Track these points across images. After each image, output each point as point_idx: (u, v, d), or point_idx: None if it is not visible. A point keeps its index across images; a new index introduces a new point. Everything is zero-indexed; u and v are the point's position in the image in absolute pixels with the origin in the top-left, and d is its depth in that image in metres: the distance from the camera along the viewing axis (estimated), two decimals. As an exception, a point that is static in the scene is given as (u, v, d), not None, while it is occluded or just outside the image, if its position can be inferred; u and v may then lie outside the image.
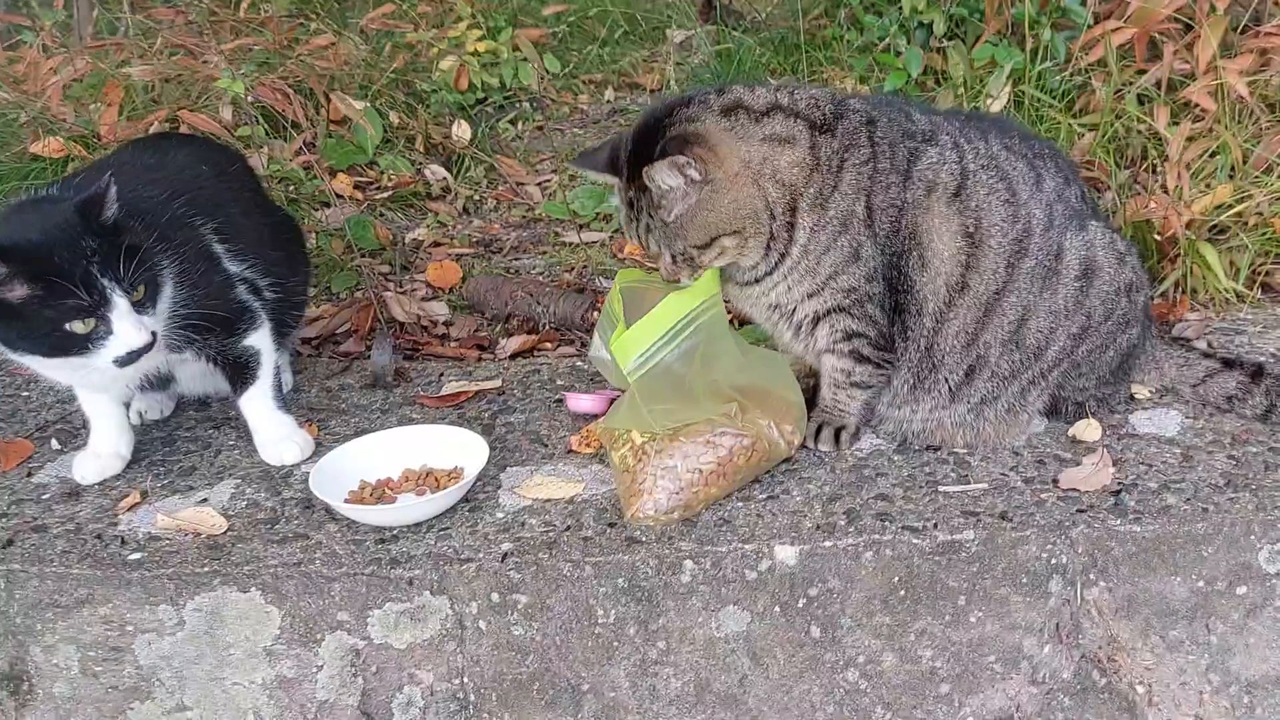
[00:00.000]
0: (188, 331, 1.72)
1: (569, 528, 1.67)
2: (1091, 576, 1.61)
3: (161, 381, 1.88)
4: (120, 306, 1.56)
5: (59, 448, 1.97)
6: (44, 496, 1.82)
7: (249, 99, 3.01)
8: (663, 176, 1.62)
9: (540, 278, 2.62)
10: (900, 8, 2.94)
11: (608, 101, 3.81)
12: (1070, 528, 1.61)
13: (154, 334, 1.60)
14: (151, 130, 2.92)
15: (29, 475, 1.89)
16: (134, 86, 3.12)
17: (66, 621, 1.62)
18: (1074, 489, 1.69)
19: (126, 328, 1.57)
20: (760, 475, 1.75)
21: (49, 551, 1.68)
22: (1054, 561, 1.60)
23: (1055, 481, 1.71)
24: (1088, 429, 1.82)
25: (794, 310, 1.76)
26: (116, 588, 1.62)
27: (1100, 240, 1.75)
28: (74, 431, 2.01)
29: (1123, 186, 2.51)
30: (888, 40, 2.84)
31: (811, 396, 1.86)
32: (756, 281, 1.75)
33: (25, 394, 2.17)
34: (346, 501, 1.73)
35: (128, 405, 1.93)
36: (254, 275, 1.86)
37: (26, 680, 1.65)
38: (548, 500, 1.74)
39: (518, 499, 1.74)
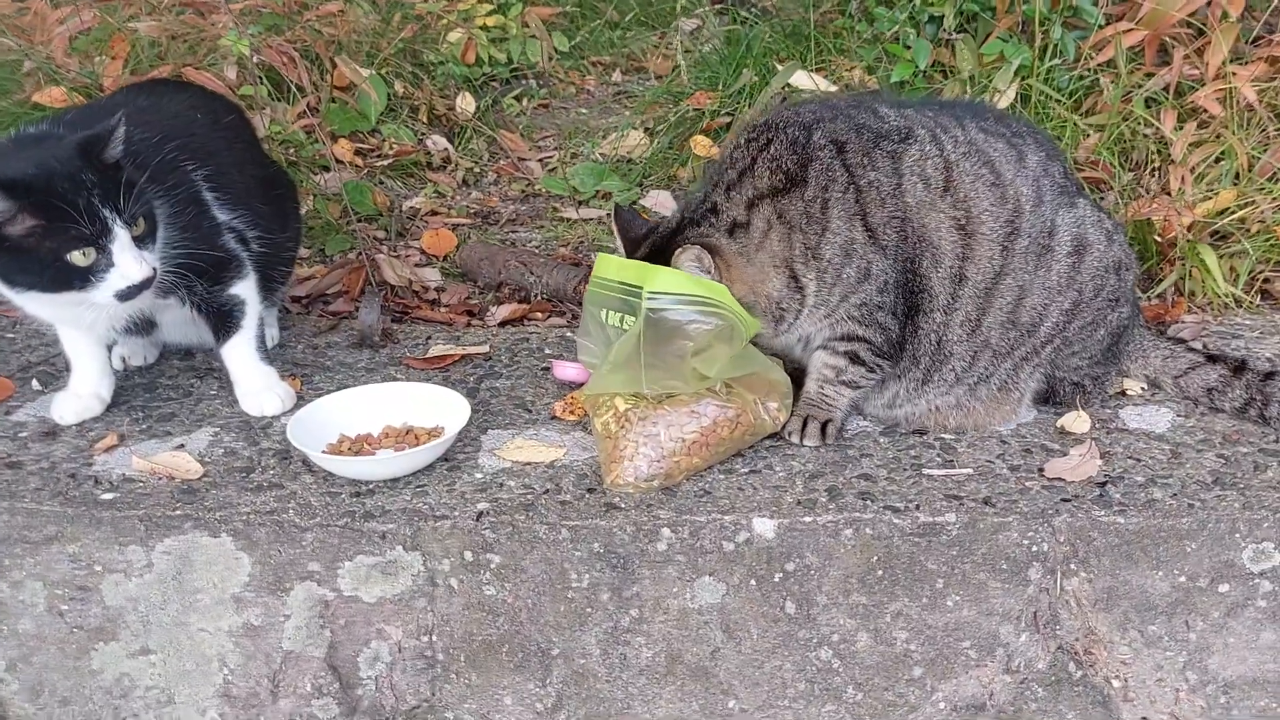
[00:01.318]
0: (173, 275, 1.69)
1: (547, 491, 1.65)
2: (1072, 566, 1.59)
3: (145, 325, 1.86)
4: (121, 238, 1.55)
5: (40, 389, 1.94)
6: (21, 434, 1.80)
7: (254, 59, 2.98)
8: (687, 265, 1.62)
9: (535, 250, 2.60)
10: (912, 1, 2.91)
11: (614, 84, 3.78)
12: (1053, 516, 1.59)
13: (154, 269, 1.59)
14: (154, 85, 2.90)
15: (7, 414, 1.87)
16: (140, 41, 3.09)
17: (35, 558, 1.60)
18: (1060, 478, 1.67)
19: (127, 260, 1.55)
20: (743, 449, 1.73)
21: (21, 488, 1.65)
22: (1035, 549, 1.58)
23: (1041, 470, 1.69)
24: (1076, 421, 1.80)
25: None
26: (87, 526, 1.60)
27: (1089, 217, 1.73)
28: (56, 374, 1.99)
29: (1126, 188, 2.49)
30: (896, 30, 2.81)
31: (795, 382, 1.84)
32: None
33: (10, 335, 2.14)
34: (325, 454, 1.70)
35: (110, 349, 1.91)
36: (242, 226, 1.84)
37: (-9, 617, 1.63)
38: (527, 463, 1.71)
39: (497, 461, 1.72)
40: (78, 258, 1.53)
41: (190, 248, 1.70)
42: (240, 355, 1.84)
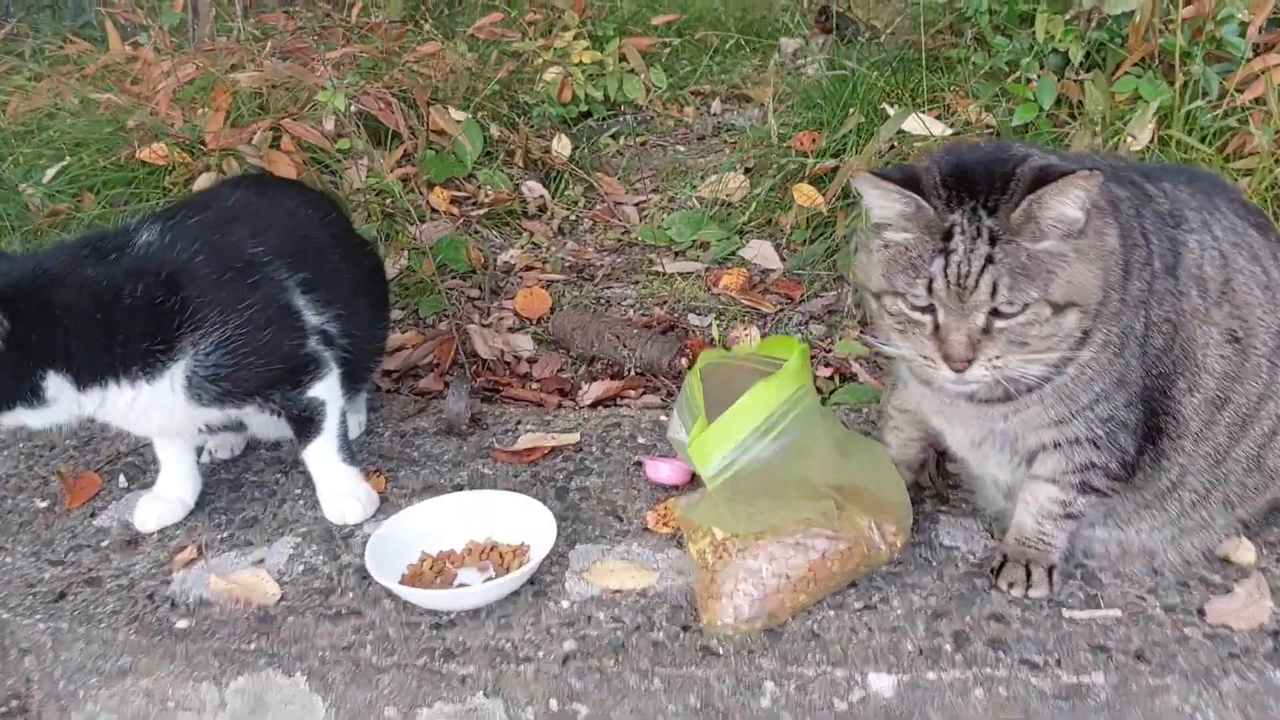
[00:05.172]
0: (249, 388, 1.56)
1: (639, 627, 1.45)
2: (1243, 738, 1.32)
3: (235, 425, 1.73)
4: None
5: (126, 486, 1.83)
6: (103, 543, 1.69)
7: (351, 109, 2.85)
8: (1062, 202, 1.19)
9: (630, 314, 2.40)
10: (1034, 32, 2.60)
11: (714, 115, 3.55)
12: (1220, 677, 1.32)
13: None
14: (255, 139, 2.79)
15: (92, 516, 1.76)
16: (241, 93, 2.99)
17: (109, 690, 1.48)
18: (1224, 625, 1.40)
19: None
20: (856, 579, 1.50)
21: (99, 609, 1.54)
22: (1199, 718, 1.31)
23: (1201, 612, 1.42)
24: (1239, 549, 1.51)
25: (1024, 436, 1.40)
26: (161, 658, 1.47)
27: None
28: (144, 466, 1.87)
29: (1280, 242, 2.15)
30: (1020, 72, 2.50)
31: (914, 492, 1.60)
32: (1005, 400, 1.34)
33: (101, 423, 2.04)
34: (406, 576, 1.54)
35: (200, 450, 1.79)
36: (332, 327, 1.68)
37: (69, 746, 1.51)
38: (618, 591, 1.52)
39: (586, 586, 1.53)
40: None
41: (267, 363, 1.57)
42: (321, 458, 1.69)
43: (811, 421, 1.41)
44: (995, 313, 1.22)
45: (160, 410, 1.55)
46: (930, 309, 1.24)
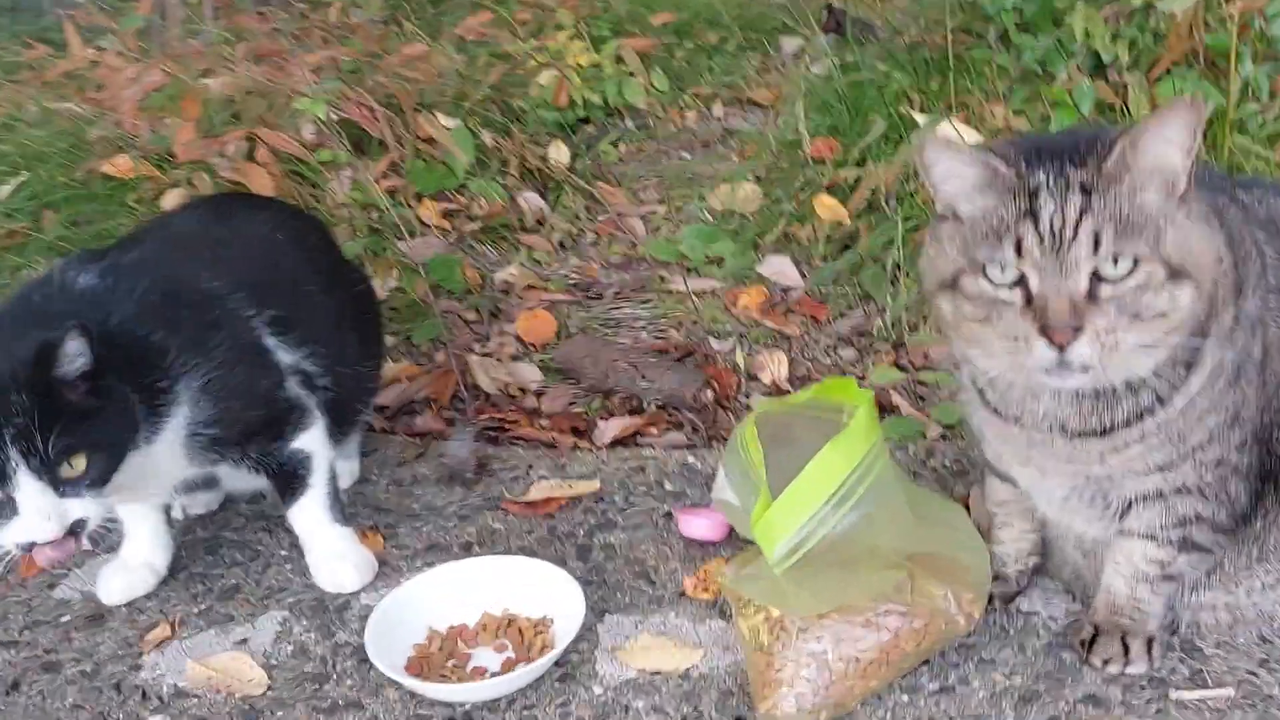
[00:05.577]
0: (222, 443, 1.36)
1: (685, 719, 1.25)
2: (1389, 843, 1.14)
3: (207, 482, 1.52)
4: (26, 488, 1.19)
5: (90, 547, 1.61)
6: (63, 619, 1.48)
7: (333, 116, 2.63)
8: (1160, 140, 1.02)
9: (642, 337, 2.20)
10: (1067, 27, 2.42)
11: (717, 119, 3.35)
12: (1358, 772, 1.14)
13: (80, 522, 1.23)
14: (229, 150, 2.56)
15: (50, 586, 1.54)
16: (213, 100, 2.76)
17: (68, 803, 1.27)
18: (1353, 706, 1.22)
19: (30, 514, 1.19)
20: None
21: (57, 704, 1.33)
22: (1340, 824, 1.14)
23: (1324, 690, 1.24)
24: (1355, 609, 1.34)
25: (1121, 483, 1.22)
26: (128, 766, 1.26)
27: None
28: (110, 526, 1.65)
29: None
30: (1065, 76, 2.32)
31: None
32: (1103, 433, 1.15)
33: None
34: (413, 658, 1.34)
35: (169, 508, 1.58)
36: (312, 366, 1.47)
37: None
38: (657, 673, 1.32)
39: (619, 667, 1.33)
40: None
41: (243, 411, 1.36)
42: (310, 519, 1.49)
43: (886, 486, 1.21)
44: (1098, 278, 1.03)
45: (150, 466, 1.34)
46: (1020, 282, 1.05)
